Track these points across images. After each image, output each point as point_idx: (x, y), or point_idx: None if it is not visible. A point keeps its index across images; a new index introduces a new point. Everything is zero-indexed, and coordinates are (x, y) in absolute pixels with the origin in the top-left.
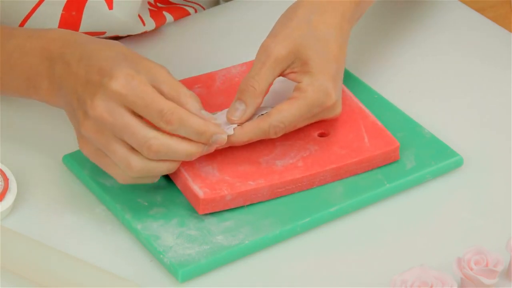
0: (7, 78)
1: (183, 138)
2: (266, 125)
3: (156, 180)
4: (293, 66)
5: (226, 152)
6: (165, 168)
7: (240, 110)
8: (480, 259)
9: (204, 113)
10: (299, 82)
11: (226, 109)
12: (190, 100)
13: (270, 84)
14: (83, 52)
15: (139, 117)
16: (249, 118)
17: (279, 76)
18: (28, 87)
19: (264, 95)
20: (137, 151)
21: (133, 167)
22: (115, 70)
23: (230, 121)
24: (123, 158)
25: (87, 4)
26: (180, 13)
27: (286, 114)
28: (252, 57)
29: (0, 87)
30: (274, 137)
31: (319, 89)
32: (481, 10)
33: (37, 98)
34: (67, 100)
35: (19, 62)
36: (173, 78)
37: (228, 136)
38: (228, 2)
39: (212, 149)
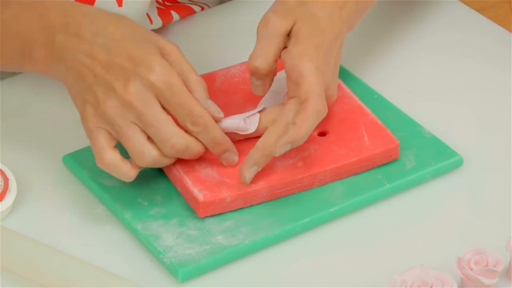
0: (2, 47)
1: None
2: (296, 142)
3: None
4: (287, 41)
5: None
6: (167, 163)
7: (256, 86)
8: (480, 259)
9: (210, 103)
10: (284, 61)
11: (241, 114)
12: (199, 88)
13: (278, 58)
14: (96, 28)
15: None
16: (267, 90)
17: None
18: (22, 55)
19: (274, 72)
20: (152, 143)
21: (146, 158)
22: (152, 60)
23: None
24: (139, 146)
25: (97, 1)
26: (186, 11)
27: (303, 126)
28: None
29: None
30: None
31: (300, 56)
32: (481, 10)
33: (30, 67)
34: (75, 73)
35: (15, 31)
36: (184, 59)
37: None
38: (233, 1)
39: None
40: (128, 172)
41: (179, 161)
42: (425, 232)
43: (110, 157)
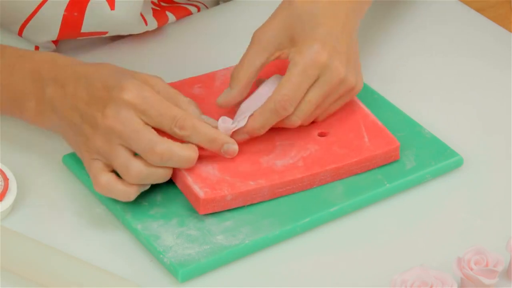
0: None
1: (185, 144)
2: (271, 104)
3: (146, 187)
4: (283, 46)
5: None
6: (161, 174)
7: (225, 93)
8: (480, 259)
9: (204, 117)
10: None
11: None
12: (190, 106)
13: (259, 69)
14: (79, 74)
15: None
16: (235, 100)
17: (271, 59)
18: (13, 107)
19: (252, 80)
20: (138, 158)
21: (131, 171)
22: (123, 82)
23: (219, 104)
24: (123, 162)
25: (89, 5)
26: (183, 13)
27: (284, 85)
28: None
29: None
30: (286, 113)
31: (306, 51)
32: (481, 10)
33: (24, 118)
34: (66, 120)
35: (6, 81)
36: (169, 87)
37: (244, 127)
38: (229, 2)
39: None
40: (126, 191)
41: None
42: (425, 232)
43: (104, 178)
